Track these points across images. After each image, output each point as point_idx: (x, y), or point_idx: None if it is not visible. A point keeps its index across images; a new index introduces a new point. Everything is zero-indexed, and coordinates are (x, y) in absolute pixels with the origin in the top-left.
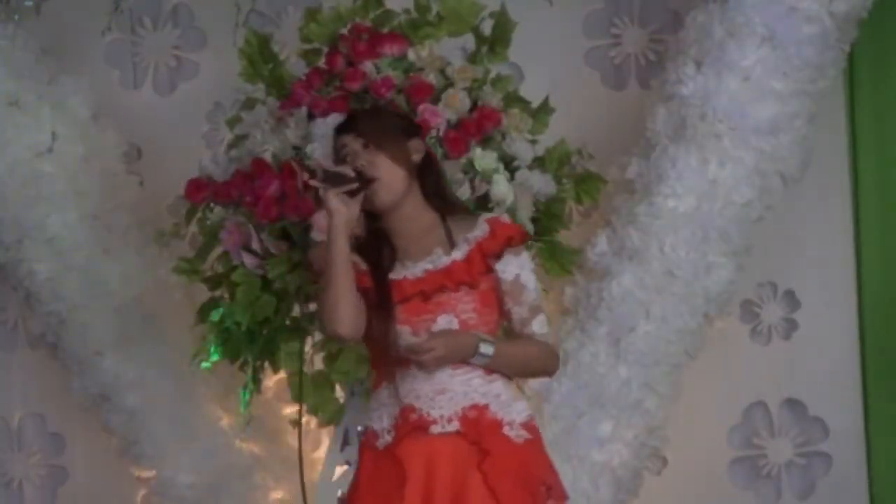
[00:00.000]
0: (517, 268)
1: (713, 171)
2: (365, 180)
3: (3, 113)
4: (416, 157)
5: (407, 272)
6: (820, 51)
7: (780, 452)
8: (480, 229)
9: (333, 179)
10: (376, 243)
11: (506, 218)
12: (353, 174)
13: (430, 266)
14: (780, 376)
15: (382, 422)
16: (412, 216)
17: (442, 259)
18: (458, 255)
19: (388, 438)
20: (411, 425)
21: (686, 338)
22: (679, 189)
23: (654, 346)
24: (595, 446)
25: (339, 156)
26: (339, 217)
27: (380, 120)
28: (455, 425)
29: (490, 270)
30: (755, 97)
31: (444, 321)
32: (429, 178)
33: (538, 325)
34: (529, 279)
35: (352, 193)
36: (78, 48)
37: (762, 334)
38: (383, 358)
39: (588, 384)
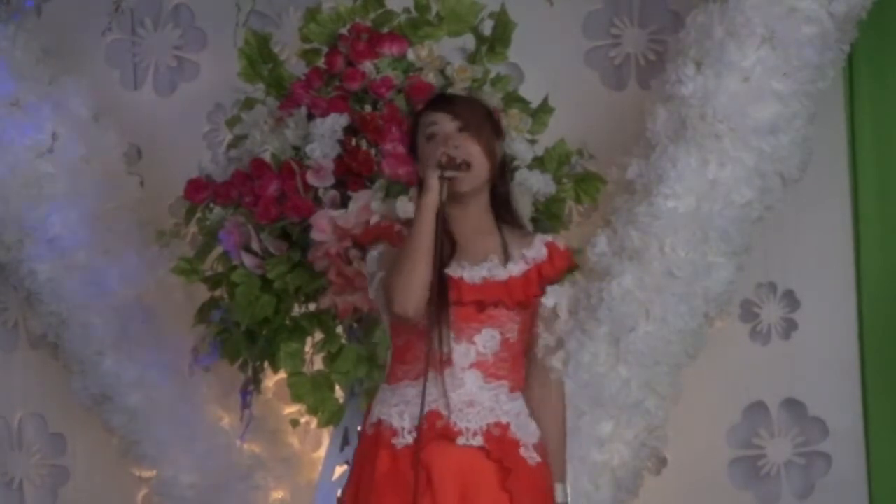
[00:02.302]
0: (558, 297)
1: (713, 172)
2: (459, 165)
3: (4, 113)
4: (498, 158)
5: (464, 273)
6: (820, 51)
7: (780, 452)
8: (537, 250)
9: (450, 164)
10: (440, 234)
11: (560, 243)
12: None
13: (486, 274)
14: (779, 376)
15: (403, 420)
16: (476, 214)
17: (499, 270)
18: (515, 270)
19: (408, 439)
20: (437, 432)
21: (686, 338)
22: (679, 189)
23: (654, 346)
24: (595, 446)
25: (425, 132)
26: (433, 195)
27: (478, 109)
28: (479, 440)
29: (542, 295)
30: (755, 97)
31: (487, 334)
32: (501, 185)
33: (558, 361)
34: (563, 312)
35: (444, 176)
36: (78, 49)
37: (762, 334)
38: (415, 352)
39: (588, 384)
